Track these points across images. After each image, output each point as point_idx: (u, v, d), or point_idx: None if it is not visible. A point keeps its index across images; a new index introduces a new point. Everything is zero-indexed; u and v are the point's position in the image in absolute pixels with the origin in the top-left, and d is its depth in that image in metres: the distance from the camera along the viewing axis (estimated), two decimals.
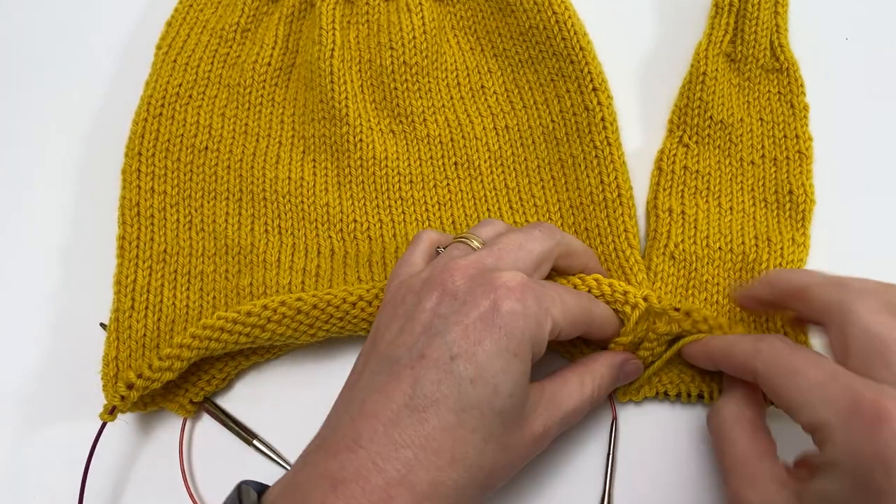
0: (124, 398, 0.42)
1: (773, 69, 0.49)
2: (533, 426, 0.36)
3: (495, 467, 0.35)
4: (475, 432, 0.33)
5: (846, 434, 0.31)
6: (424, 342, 0.35)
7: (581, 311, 0.38)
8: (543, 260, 0.39)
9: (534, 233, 0.40)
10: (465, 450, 0.33)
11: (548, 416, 0.37)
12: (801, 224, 0.46)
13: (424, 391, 0.33)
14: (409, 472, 0.32)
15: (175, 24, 0.53)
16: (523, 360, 0.34)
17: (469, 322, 0.34)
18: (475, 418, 0.33)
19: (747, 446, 0.36)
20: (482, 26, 0.53)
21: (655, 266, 0.45)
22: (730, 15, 0.49)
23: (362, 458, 0.33)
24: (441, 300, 0.36)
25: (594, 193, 0.47)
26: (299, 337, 0.44)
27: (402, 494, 0.32)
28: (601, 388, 0.40)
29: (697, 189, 0.47)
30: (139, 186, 0.49)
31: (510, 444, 0.35)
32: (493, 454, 0.34)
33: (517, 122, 0.51)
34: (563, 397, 0.38)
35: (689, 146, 0.48)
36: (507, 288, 0.35)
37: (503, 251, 0.38)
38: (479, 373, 0.33)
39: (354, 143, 0.50)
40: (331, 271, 0.48)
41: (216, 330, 0.42)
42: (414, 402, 0.33)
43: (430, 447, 0.33)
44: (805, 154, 0.47)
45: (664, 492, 0.43)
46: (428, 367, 0.34)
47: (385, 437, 0.33)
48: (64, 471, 0.46)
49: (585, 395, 0.39)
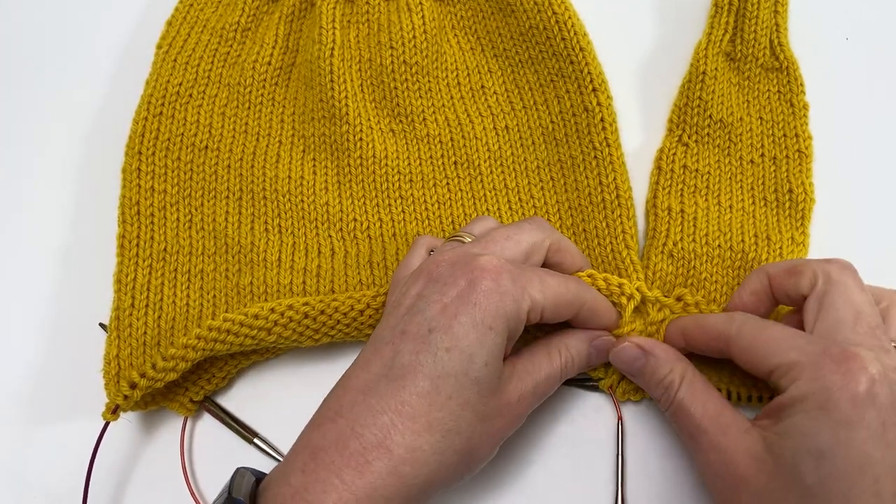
0: (127, 398, 0.42)
1: (773, 68, 0.49)
2: (508, 395, 0.38)
3: (473, 435, 0.36)
4: (451, 398, 0.35)
5: (815, 371, 0.33)
6: (406, 320, 0.37)
7: (566, 291, 0.39)
8: (532, 251, 0.41)
9: (524, 225, 0.42)
10: (440, 415, 0.35)
11: (521, 387, 0.38)
12: (800, 223, 0.46)
13: (402, 361, 0.35)
14: (387, 436, 0.34)
15: (175, 24, 0.53)
16: (498, 333, 0.36)
17: (447, 300, 0.36)
18: (450, 385, 0.35)
19: (709, 407, 0.37)
20: (482, 26, 0.53)
21: (654, 265, 0.46)
22: (729, 14, 0.49)
23: (341, 426, 0.35)
24: (425, 285, 0.38)
25: (593, 194, 0.47)
26: (303, 341, 0.44)
27: (379, 458, 0.34)
28: (572, 360, 0.41)
29: (697, 188, 0.47)
30: (139, 185, 0.49)
31: (487, 414, 0.36)
32: (469, 421, 0.36)
33: (517, 122, 0.51)
34: (532, 367, 0.39)
35: (688, 145, 0.49)
36: (482, 269, 0.37)
37: (490, 242, 0.40)
38: (454, 343, 0.35)
39: (354, 142, 0.50)
40: (331, 271, 0.48)
41: (222, 332, 0.42)
42: (392, 371, 0.35)
43: (406, 412, 0.34)
44: (805, 153, 0.47)
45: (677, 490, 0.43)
46: (407, 340, 0.36)
47: (363, 406, 0.35)
48: (65, 469, 0.46)
49: (554, 365, 0.40)
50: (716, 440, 0.36)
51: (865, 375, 0.32)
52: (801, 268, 0.38)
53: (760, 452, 0.34)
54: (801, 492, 0.32)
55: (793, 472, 0.32)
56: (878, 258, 0.45)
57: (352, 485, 0.33)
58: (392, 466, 0.34)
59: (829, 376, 0.33)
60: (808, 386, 0.33)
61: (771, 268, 0.40)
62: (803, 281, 0.38)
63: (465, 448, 0.36)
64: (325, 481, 0.33)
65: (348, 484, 0.33)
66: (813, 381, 0.33)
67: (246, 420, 0.46)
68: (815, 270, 0.38)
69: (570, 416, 0.45)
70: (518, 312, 0.37)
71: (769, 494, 0.33)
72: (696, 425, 0.37)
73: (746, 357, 0.37)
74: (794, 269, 0.39)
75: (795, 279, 0.38)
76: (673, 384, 0.39)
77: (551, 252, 0.42)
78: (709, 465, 0.36)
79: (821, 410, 0.32)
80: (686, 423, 0.37)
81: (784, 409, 0.34)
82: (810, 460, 0.32)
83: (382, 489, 0.33)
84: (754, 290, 0.41)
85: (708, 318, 0.40)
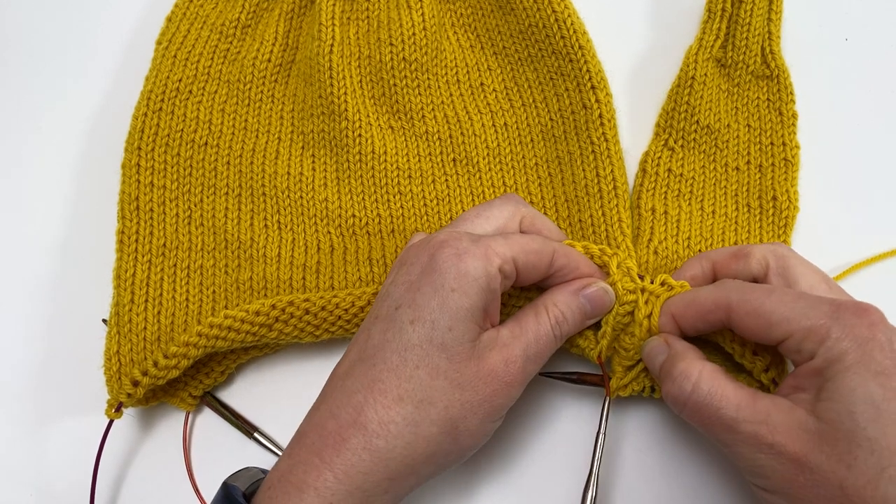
0: (131, 395, 0.42)
1: (764, 76, 0.49)
2: (490, 360, 0.37)
3: (451, 403, 0.36)
4: (419, 368, 0.35)
5: (842, 329, 0.33)
6: (378, 306, 0.38)
7: (533, 242, 0.39)
8: (505, 226, 0.41)
9: (494, 202, 0.42)
10: (409, 385, 0.35)
11: (507, 351, 0.37)
12: (783, 230, 0.47)
13: (373, 342, 0.37)
14: (360, 413, 0.35)
15: (175, 20, 0.52)
16: (465, 293, 0.36)
17: (412, 279, 0.37)
18: (417, 355, 0.36)
19: (741, 396, 0.35)
20: (482, 24, 0.53)
21: (639, 258, 0.46)
22: (722, 20, 0.49)
23: (322, 411, 0.36)
24: (396, 272, 0.39)
25: (589, 185, 0.48)
26: (304, 337, 0.45)
27: (354, 435, 0.35)
28: (562, 316, 0.40)
29: (681, 192, 0.48)
30: (139, 181, 0.49)
31: (463, 381, 0.36)
32: (443, 390, 0.36)
33: (516, 119, 0.51)
34: (518, 330, 0.39)
35: (674, 149, 0.49)
36: (440, 241, 0.38)
37: (459, 222, 0.41)
38: (417, 314, 0.36)
39: (354, 138, 0.50)
40: (331, 267, 0.48)
41: (224, 329, 0.43)
42: (365, 353, 0.37)
43: (376, 388, 0.35)
44: (791, 161, 0.48)
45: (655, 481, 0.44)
46: (377, 322, 0.37)
47: (340, 390, 0.36)
48: (66, 465, 0.47)
49: (542, 324, 0.39)
50: (758, 429, 0.34)
51: (884, 324, 0.33)
52: (747, 251, 0.40)
53: (813, 424, 0.33)
54: (867, 447, 0.31)
55: (854, 429, 0.32)
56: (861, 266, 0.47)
57: (330, 462, 0.34)
58: (366, 441, 0.35)
59: (856, 331, 0.33)
60: (841, 345, 0.33)
61: (713, 254, 0.41)
62: (752, 262, 0.39)
63: (443, 418, 0.36)
64: (307, 462, 0.35)
65: (327, 462, 0.34)
66: (843, 340, 0.33)
67: (246, 415, 0.47)
68: (762, 251, 0.39)
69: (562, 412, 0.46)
70: (487, 269, 0.37)
71: (831, 466, 0.32)
72: (732, 417, 0.35)
73: (754, 324, 0.36)
74: (739, 252, 0.40)
75: (744, 261, 0.39)
76: (698, 376, 0.36)
77: (525, 226, 0.42)
78: (752, 458, 0.34)
79: (860, 364, 0.32)
80: (716, 417, 0.35)
81: (820, 373, 0.33)
82: (869, 411, 0.32)
83: (359, 465, 0.34)
84: (694, 276, 0.42)
85: (699, 293, 0.39)
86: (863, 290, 0.46)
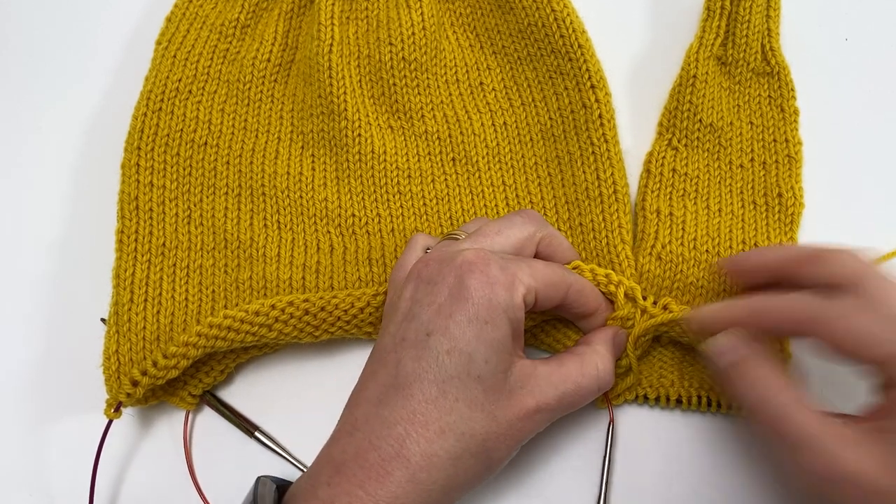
0: (130, 395, 0.42)
1: (764, 73, 0.49)
2: (524, 400, 0.37)
3: (488, 436, 0.36)
4: (458, 401, 0.35)
5: None
6: (405, 327, 0.37)
7: (553, 274, 0.39)
8: (523, 245, 0.41)
9: (514, 219, 0.42)
10: (451, 419, 0.35)
11: (541, 394, 0.37)
12: (789, 227, 0.47)
13: (406, 370, 0.36)
14: (402, 446, 0.35)
15: (175, 20, 0.52)
16: (496, 326, 0.36)
17: (440, 301, 0.36)
18: (456, 387, 0.35)
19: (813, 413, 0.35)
20: (481, 23, 0.53)
21: (642, 266, 0.46)
22: (721, 18, 0.49)
23: (359, 439, 0.36)
24: (416, 287, 0.38)
25: (590, 189, 0.48)
26: (303, 337, 0.45)
27: (397, 468, 0.35)
28: (605, 365, 0.40)
29: (686, 192, 0.48)
30: (138, 181, 0.49)
31: (499, 414, 0.36)
32: (481, 422, 0.36)
33: (515, 118, 0.51)
34: (559, 377, 0.38)
35: (678, 149, 0.49)
36: (468, 262, 0.37)
37: (480, 238, 0.40)
38: (453, 344, 0.35)
39: (353, 137, 0.50)
40: (331, 267, 0.48)
41: (223, 329, 0.43)
42: (398, 380, 0.36)
43: (417, 420, 0.35)
44: (794, 158, 0.48)
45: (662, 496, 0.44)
46: (407, 347, 0.36)
47: (377, 418, 0.36)
48: (65, 465, 0.47)
49: (587, 374, 0.39)
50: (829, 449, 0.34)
51: None
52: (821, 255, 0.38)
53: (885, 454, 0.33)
54: None
55: None
56: None
57: (374, 495, 0.34)
58: (410, 474, 0.35)
59: None
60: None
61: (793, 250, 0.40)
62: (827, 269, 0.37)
63: (481, 450, 0.36)
64: (350, 493, 0.34)
65: (371, 494, 0.34)
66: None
67: (246, 414, 0.47)
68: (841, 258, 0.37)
69: None
70: (513, 299, 0.37)
71: None
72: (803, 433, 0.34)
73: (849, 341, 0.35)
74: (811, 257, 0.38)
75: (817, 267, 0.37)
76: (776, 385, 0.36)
77: (542, 245, 0.42)
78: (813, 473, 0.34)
79: None
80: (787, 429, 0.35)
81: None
82: None
83: (403, 497, 0.34)
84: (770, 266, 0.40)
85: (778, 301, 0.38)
86: None
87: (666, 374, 0.44)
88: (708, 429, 0.45)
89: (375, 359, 0.38)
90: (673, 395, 0.44)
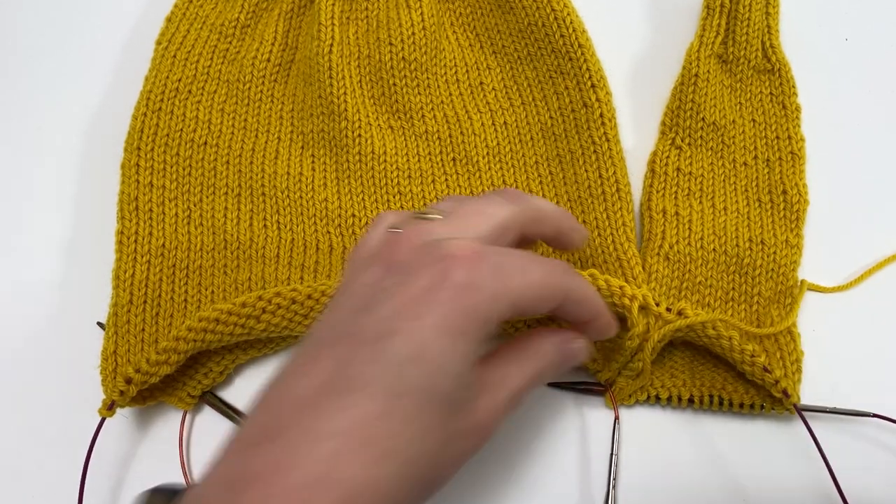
0: (123, 393, 0.42)
1: (765, 70, 0.49)
2: (476, 415, 0.31)
3: (439, 461, 0.30)
4: (414, 420, 0.28)
5: None
6: (358, 318, 0.30)
7: (550, 280, 0.33)
8: (507, 227, 0.35)
9: (495, 198, 0.36)
10: (399, 441, 0.28)
11: (489, 403, 0.32)
12: (795, 224, 0.46)
13: (352, 372, 0.28)
14: (334, 468, 0.26)
15: (175, 20, 0.52)
16: (473, 339, 0.29)
17: (412, 295, 0.29)
18: (414, 404, 0.28)
19: None
20: (481, 23, 0.53)
21: (650, 267, 0.45)
22: (721, 16, 0.49)
23: (277, 452, 0.27)
24: (384, 274, 0.31)
25: (592, 187, 0.47)
26: (295, 328, 0.44)
27: (322, 496, 0.26)
28: (543, 371, 0.35)
29: (691, 191, 0.48)
30: (138, 181, 0.49)
31: (453, 436, 0.30)
32: (435, 445, 0.29)
33: (516, 118, 0.51)
34: (501, 379, 0.33)
35: (681, 148, 0.49)
36: (455, 257, 0.30)
37: (459, 219, 0.34)
38: (420, 352, 0.28)
39: (353, 138, 0.50)
40: (329, 267, 0.48)
41: (211, 321, 0.42)
42: (338, 383, 0.28)
43: (357, 437, 0.27)
44: (798, 154, 0.48)
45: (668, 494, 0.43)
46: (357, 344, 0.29)
47: (303, 428, 0.27)
48: (63, 466, 0.46)
49: (526, 377, 0.34)
50: None
51: None
52: None
53: None
54: None
55: None
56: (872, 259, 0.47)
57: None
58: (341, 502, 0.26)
59: None
60: None
61: None
62: None
63: (427, 477, 0.30)
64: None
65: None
66: None
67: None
68: None
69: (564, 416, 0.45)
70: (496, 311, 0.30)
71: None
72: None
73: None
74: None
75: None
76: None
77: (529, 224, 0.36)
78: None
79: None
80: None
81: None
82: None
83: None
84: None
85: None
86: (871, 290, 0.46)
87: (678, 374, 0.44)
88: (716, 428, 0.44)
89: (311, 350, 0.30)
90: (685, 395, 0.43)
